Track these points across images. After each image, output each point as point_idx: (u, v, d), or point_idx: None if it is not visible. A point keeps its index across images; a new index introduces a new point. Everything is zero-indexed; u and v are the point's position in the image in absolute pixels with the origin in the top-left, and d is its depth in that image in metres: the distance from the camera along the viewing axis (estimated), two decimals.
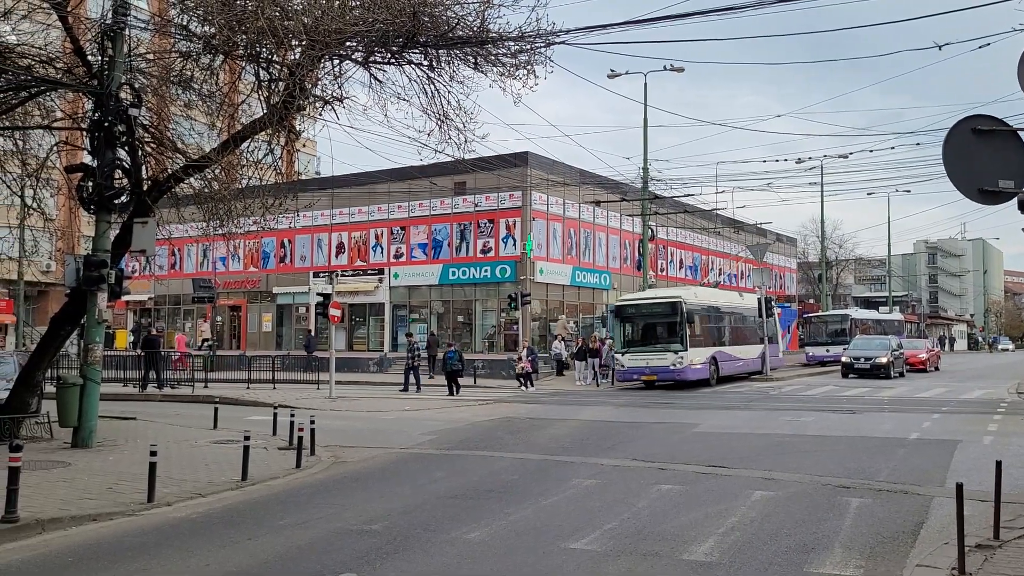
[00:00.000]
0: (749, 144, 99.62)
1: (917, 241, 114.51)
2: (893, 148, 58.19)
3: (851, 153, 55.50)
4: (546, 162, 38.05)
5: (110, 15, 13.76)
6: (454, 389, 25.97)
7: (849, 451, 13.37)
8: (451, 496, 10.02)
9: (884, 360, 32.39)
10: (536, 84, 14.98)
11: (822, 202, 49.18)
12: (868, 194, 51.06)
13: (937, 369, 40.24)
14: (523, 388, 27.90)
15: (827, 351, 42.58)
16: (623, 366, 28.18)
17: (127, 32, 14.11)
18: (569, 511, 9.22)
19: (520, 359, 29.49)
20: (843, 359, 34.00)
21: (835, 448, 13.76)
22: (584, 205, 40.57)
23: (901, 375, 33.75)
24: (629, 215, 41.58)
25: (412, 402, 22.92)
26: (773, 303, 36.76)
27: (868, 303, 79.64)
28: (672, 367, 27.15)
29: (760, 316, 33.18)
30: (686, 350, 27.13)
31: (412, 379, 27.01)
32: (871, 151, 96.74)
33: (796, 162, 47.77)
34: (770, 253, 49.55)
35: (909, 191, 44.21)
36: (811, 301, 65.25)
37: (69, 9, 14.58)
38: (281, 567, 7.11)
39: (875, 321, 49.92)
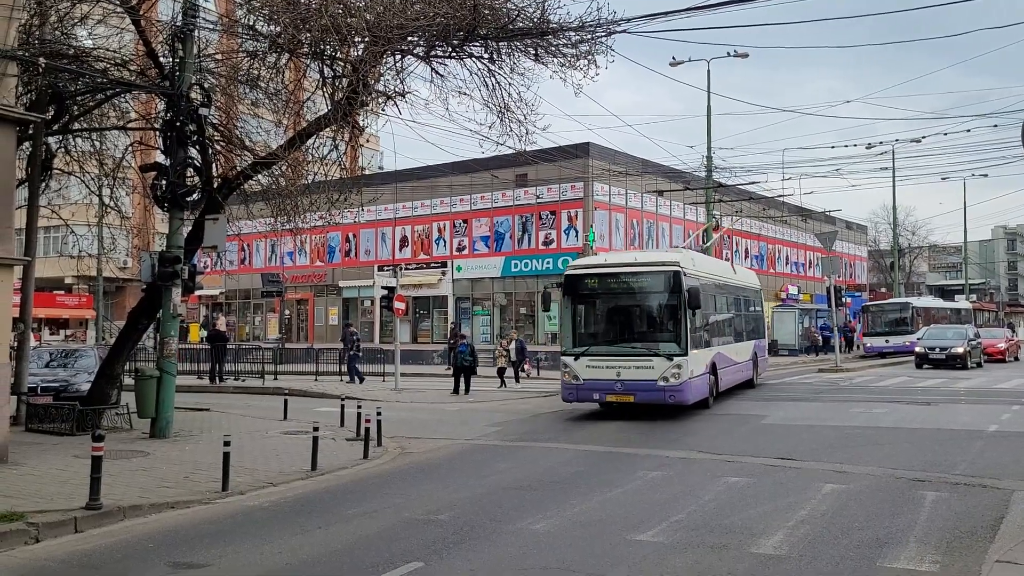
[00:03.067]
0: (817, 130, 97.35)
1: (995, 227, 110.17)
2: (969, 131, 55.96)
3: (924, 137, 53.46)
4: (607, 152, 37.77)
5: (180, 17, 14.13)
6: (461, 387, 23.12)
7: (924, 443, 13.00)
8: (516, 487, 10.06)
9: (961, 350, 31.33)
10: (597, 74, 14.89)
11: (894, 188, 47.63)
12: (943, 179, 49.36)
13: (1017, 359, 38.77)
14: None
15: (886, 341, 40.05)
16: (576, 378, 16.58)
17: (196, 33, 14.48)
18: (634, 503, 9.17)
19: None
20: (916, 349, 32.97)
21: (909, 440, 13.39)
22: (647, 195, 40.17)
23: (979, 365, 32.60)
24: (693, 204, 41.04)
25: (476, 394, 23.07)
26: (843, 292, 35.60)
27: (943, 291, 77.09)
28: (663, 382, 15.93)
29: (756, 306, 25.48)
30: (685, 353, 15.99)
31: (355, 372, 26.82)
32: (945, 134, 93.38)
33: (866, 147, 46.44)
34: (839, 241, 48.24)
35: (986, 175, 42.47)
36: (883, 290, 63.45)
37: (141, 13, 15.04)
38: (351, 555, 7.24)
39: (938, 309, 47.26)
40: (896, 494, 9.31)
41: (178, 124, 13.89)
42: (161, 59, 14.96)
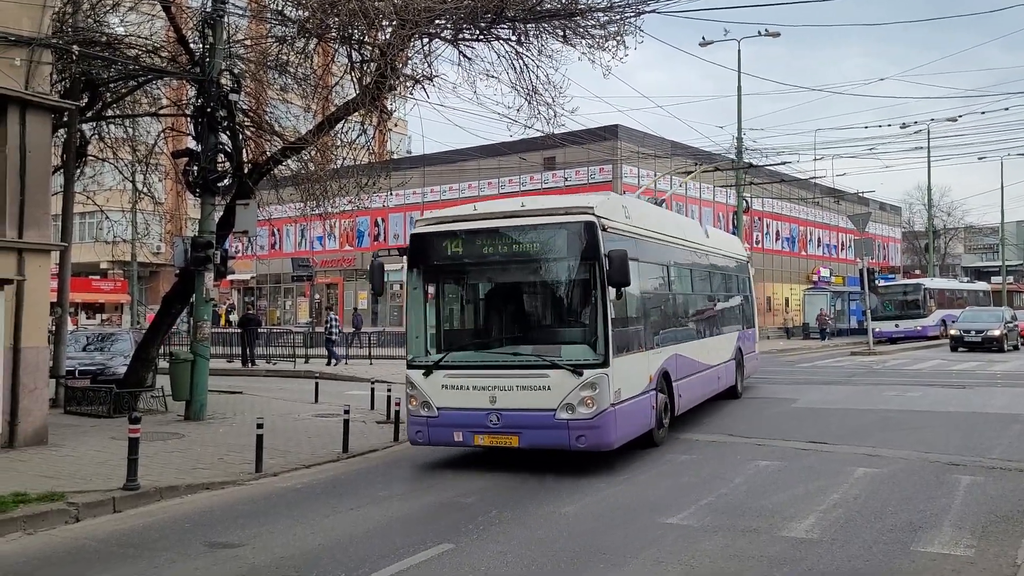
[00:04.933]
0: (851, 109, 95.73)
1: None
2: (1007, 109, 55.06)
3: (960, 116, 52.73)
4: (636, 134, 37.53)
5: (210, 3, 14.21)
6: None
7: (959, 427, 12.83)
8: (546, 471, 10.07)
9: (997, 332, 30.86)
10: (626, 55, 14.76)
11: (928, 168, 46.79)
12: (979, 159, 48.55)
13: None
14: None
15: (896, 326, 37.15)
16: (427, 406, 10.23)
17: (226, 19, 14.55)
18: (663, 486, 9.17)
19: None
20: (952, 332, 32.52)
21: (944, 424, 13.22)
22: (676, 177, 39.89)
23: (1015, 348, 32.08)
24: (723, 186, 40.64)
25: None
26: (876, 274, 34.90)
27: (980, 273, 75.75)
28: (566, 413, 9.60)
29: (741, 284, 18.57)
30: (604, 363, 9.64)
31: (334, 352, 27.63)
32: (983, 113, 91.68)
33: (901, 127, 45.77)
34: (872, 223, 47.59)
35: None
36: (916, 272, 62.53)
37: (173, 0, 15.15)
38: (383, 536, 7.32)
39: (955, 291, 44.30)
40: (930, 478, 9.21)
41: (209, 110, 14.00)
42: (191, 45, 15.06)
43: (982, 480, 9.03)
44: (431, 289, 10.80)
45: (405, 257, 10.64)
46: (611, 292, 9.56)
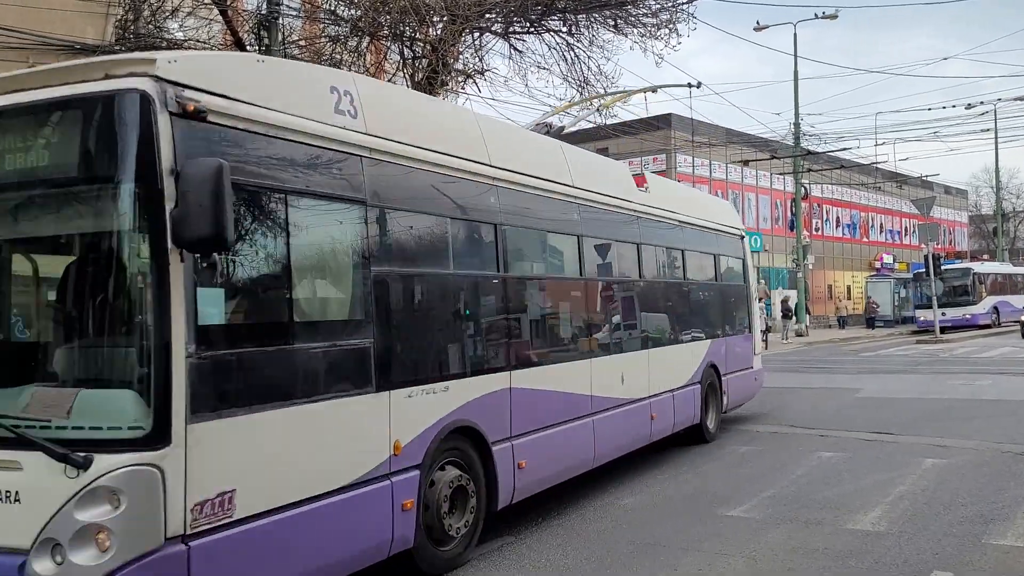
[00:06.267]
0: (914, 91, 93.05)
1: None
2: None
3: None
4: (690, 123, 37.07)
5: (265, 6, 14.47)
6: None
7: None
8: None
9: None
10: (679, 43, 14.68)
11: (996, 149, 45.37)
12: None
13: None
14: None
15: (943, 314, 33.16)
16: None
17: (280, 21, 14.81)
18: (724, 478, 9.06)
19: None
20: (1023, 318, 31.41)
21: (1016, 413, 12.80)
22: (732, 165, 39.31)
23: None
24: (780, 173, 39.94)
25: None
26: (942, 260, 33.77)
27: None
28: (39, 563, 3.80)
29: (724, 270, 12.62)
30: (161, 433, 3.93)
31: None
32: None
33: (966, 107, 44.16)
34: (937, 207, 46.24)
35: None
36: (984, 257, 60.64)
37: (229, 3, 15.47)
38: None
39: (1008, 276, 41.21)
40: (1001, 469, 8.93)
41: None
42: (248, 48, 15.36)
43: None
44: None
45: None
46: (186, 265, 4.06)
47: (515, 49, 15.14)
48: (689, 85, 15.79)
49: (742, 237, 13.32)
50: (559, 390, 7.56)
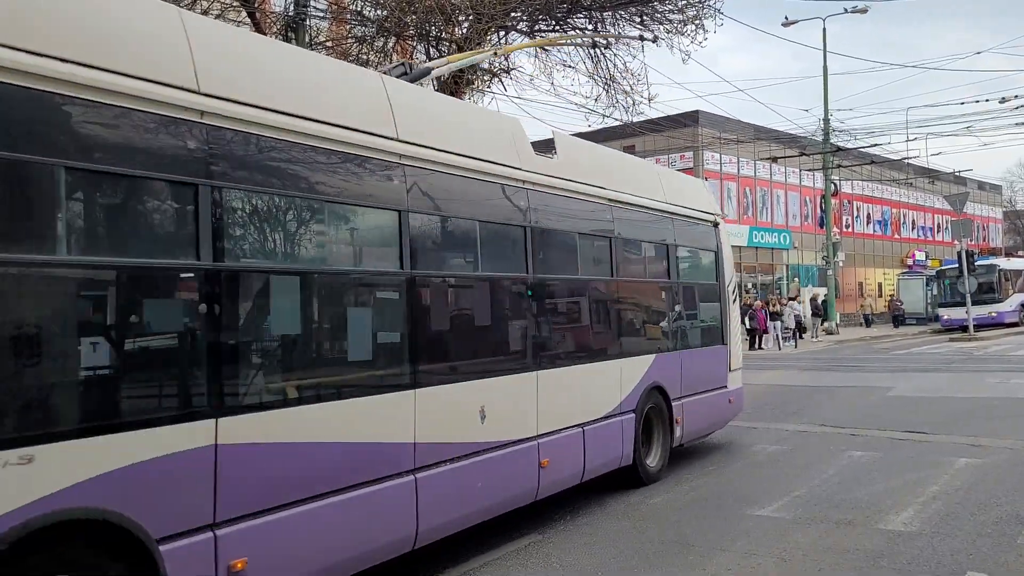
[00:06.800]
0: (946, 85, 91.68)
1: None
2: None
3: None
4: (718, 120, 36.83)
5: (292, 7, 14.58)
6: None
7: None
8: None
9: None
10: (706, 39, 14.58)
11: None
12: None
13: None
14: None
15: (967, 313, 31.50)
16: None
17: (308, 22, 14.91)
18: (753, 477, 8.98)
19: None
20: None
21: None
22: (760, 162, 38.98)
23: None
24: (810, 170, 39.52)
25: None
26: (976, 256, 33.06)
27: None
28: None
29: (696, 271, 10.46)
30: None
31: None
32: None
33: (1000, 101, 43.38)
34: (971, 203, 45.48)
35: None
36: (1020, 253, 59.58)
37: (256, 5, 15.60)
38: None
39: None
40: None
41: None
42: None
43: None
44: None
45: None
46: None
47: (541, 48, 15.11)
48: (641, 37, 13.62)
49: (716, 224, 10.58)
50: (336, 440, 5.00)
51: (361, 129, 5.34)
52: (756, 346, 28.91)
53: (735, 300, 11.05)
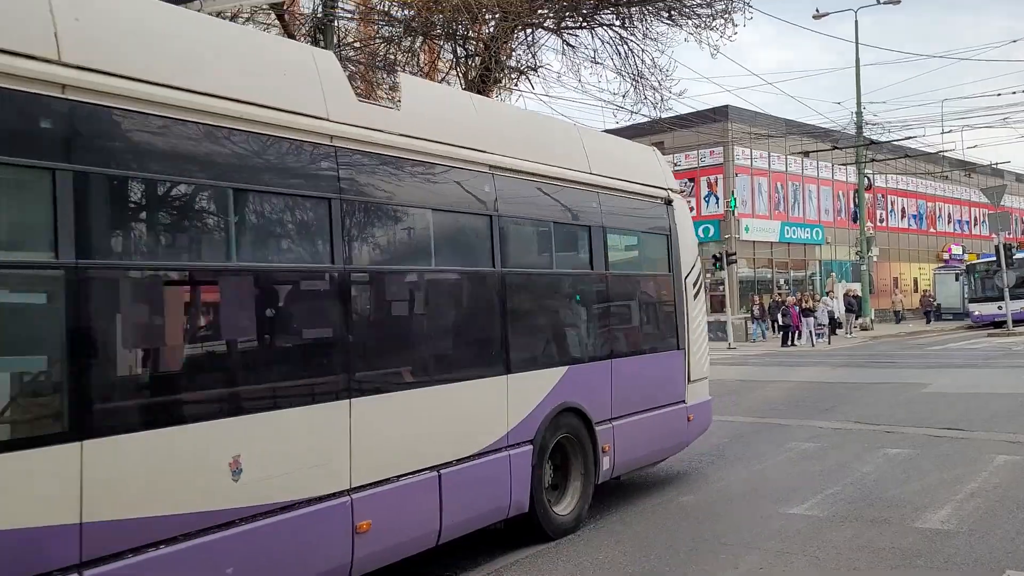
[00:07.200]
0: (984, 76, 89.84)
1: None
2: None
3: None
4: (748, 114, 36.48)
5: (320, 9, 14.67)
6: None
7: None
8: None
9: None
10: (735, 33, 14.44)
11: None
12: None
13: None
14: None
15: (999, 308, 30.75)
16: None
17: (336, 23, 15.00)
18: (786, 475, 8.89)
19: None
20: None
21: None
22: (791, 157, 38.56)
23: None
24: (843, 164, 39.01)
25: None
26: (1014, 250, 32.39)
27: None
28: None
29: (640, 259, 8.81)
30: None
31: None
32: None
33: None
34: (1009, 195, 44.57)
35: None
36: None
37: (285, 7, 15.74)
38: None
39: None
40: None
41: None
42: None
43: None
44: None
45: None
46: None
47: (568, 44, 15.10)
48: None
49: (668, 202, 8.62)
50: None
51: None
52: (789, 342, 28.74)
53: (697, 294, 9.00)
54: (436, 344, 5.99)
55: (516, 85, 15.91)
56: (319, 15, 14.71)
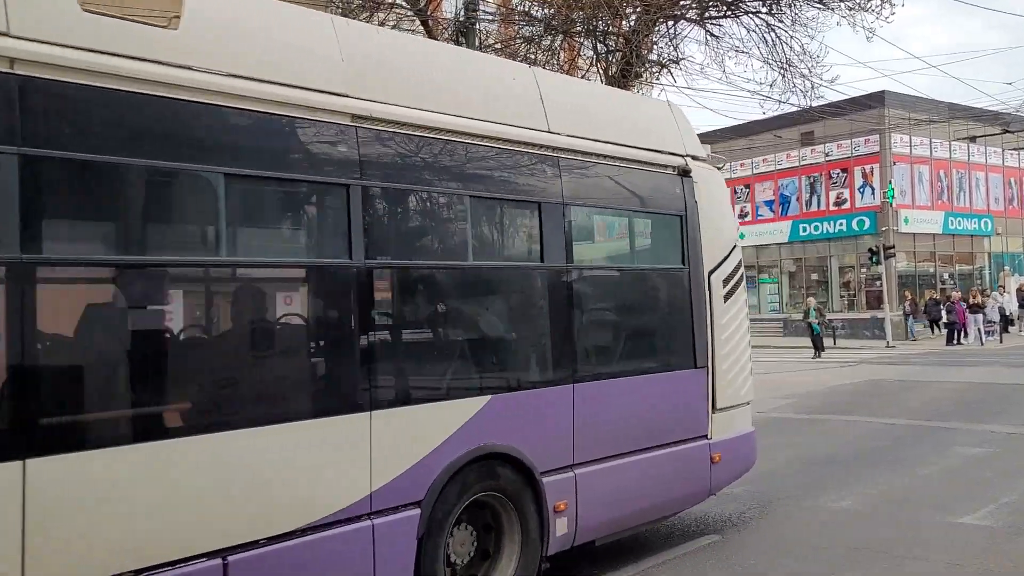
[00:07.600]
0: None
1: None
2: None
3: None
4: (906, 100, 34.39)
5: (462, 12, 14.99)
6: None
7: None
8: (813, 462, 9.55)
9: None
10: (893, 14, 13.62)
11: None
12: None
13: None
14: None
15: None
16: None
17: (477, 26, 15.27)
18: (952, 482, 8.33)
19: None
20: None
21: None
22: (956, 143, 36.07)
23: None
24: (1014, 149, 36.13)
25: (767, 365, 22.26)
26: None
27: None
28: None
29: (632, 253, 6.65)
30: None
31: None
32: None
33: None
34: None
35: None
36: None
37: (429, 13, 16.18)
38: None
39: None
40: None
41: None
42: None
43: None
44: None
45: None
46: None
47: (711, 35, 14.73)
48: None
49: (684, 172, 6.61)
50: None
51: None
52: (955, 341, 26.98)
53: (731, 295, 6.83)
54: (225, 373, 4.08)
55: (657, 78, 15.68)
56: (461, 19, 15.04)
